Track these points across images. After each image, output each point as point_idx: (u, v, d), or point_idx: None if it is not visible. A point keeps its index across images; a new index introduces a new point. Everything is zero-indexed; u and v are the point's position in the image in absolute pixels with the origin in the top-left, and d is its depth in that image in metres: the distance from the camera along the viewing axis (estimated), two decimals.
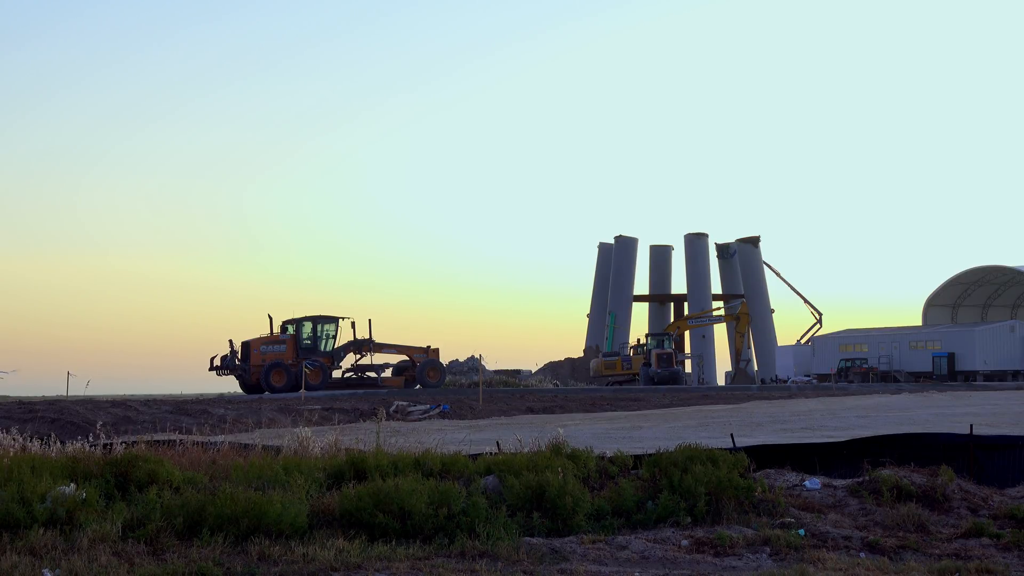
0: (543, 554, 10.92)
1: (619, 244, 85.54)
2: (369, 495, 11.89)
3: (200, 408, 31.90)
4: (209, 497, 11.69)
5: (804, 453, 16.12)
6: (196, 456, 15.24)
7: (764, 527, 12.11)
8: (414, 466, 13.70)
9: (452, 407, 34.92)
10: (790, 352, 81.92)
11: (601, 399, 41.79)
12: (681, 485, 12.79)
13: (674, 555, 11.11)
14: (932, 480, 13.90)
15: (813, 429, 22.49)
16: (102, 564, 10.14)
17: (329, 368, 48.04)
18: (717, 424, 24.97)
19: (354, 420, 30.43)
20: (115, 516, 11.49)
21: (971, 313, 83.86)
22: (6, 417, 26.92)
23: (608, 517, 12.50)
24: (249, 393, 45.64)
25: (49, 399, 39.38)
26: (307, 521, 11.68)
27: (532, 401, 39.35)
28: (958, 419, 23.20)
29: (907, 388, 53.10)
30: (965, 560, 10.88)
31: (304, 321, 48.32)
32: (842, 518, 12.95)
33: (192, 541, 11.13)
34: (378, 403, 32.53)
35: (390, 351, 50.02)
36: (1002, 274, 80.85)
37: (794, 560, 10.85)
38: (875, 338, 75.91)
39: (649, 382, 59.00)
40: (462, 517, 11.77)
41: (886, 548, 11.50)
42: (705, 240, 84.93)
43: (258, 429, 22.98)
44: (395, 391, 44.82)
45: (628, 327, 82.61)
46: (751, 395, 45.13)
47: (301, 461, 14.18)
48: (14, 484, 11.87)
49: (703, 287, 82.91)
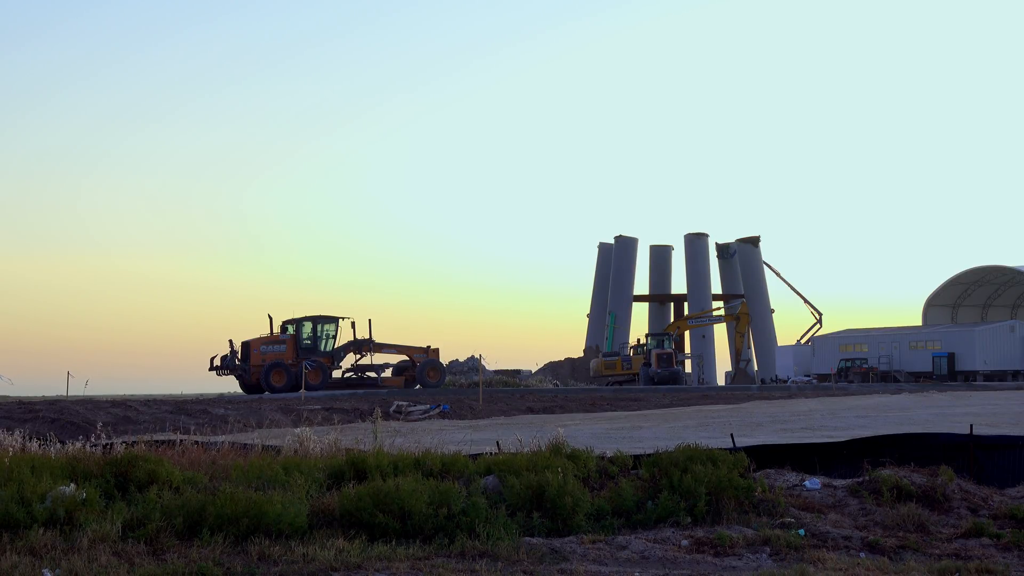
0: (543, 554, 10.92)
1: (619, 244, 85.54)
2: (369, 495, 11.89)
3: (200, 408, 31.91)
4: (209, 497, 11.69)
5: (804, 453, 16.11)
6: (196, 456, 15.23)
7: (764, 527, 12.11)
8: (414, 466, 13.70)
9: (452, 407, 34.92)
10: (790, 352, 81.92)
11: (601, 399, 41.81)
12: (681, 485, 12.79)
13: (674, 555, 11.11)
14: (932, 480, 13.90)
15: (813, 429, 22.50)
16: (102, 564, 10.14)
17: (329, 368, 48.04)
18: (717, 424, 24.97)
19: (354, 420, 30.43)
20: (115, 516, 11.49)
21: (971, 313, 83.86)
22: (6, 417, 26.92)
23: (608, 517, 12.50)
24: (249, 393, 45.65)
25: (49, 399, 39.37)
26: (307, 521, 11.68)
27: (532, 401, 39.36)
28: (958, 419, 23.21)
29: (907, 388, 53.10)
30: (965, 560, 10.88)
31: (304, 321, 48.33)
32: (842, 518, 12.95)
33: (192, 541, 11.12)
34: (378, 403, 32.54)
35: (390, 351, 50.02)
36: (1002, 274, 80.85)
37: (794, 560, 10.85)
38: (875, 338, 75.91)
39: (649, 382, 59.00)
40: (462, 517, 11.77)
41: (886, 548, 11.50)
42: (705, 240, 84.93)
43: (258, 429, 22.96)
44: (395, 391, 44.82)
45: (628, 327, 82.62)
46: (751, 395, 45.15)
47: (301, 461, 14.18)
48: (14, 484, 11.87)
49: (703, 287, 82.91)
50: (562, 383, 65.64)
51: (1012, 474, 15.02)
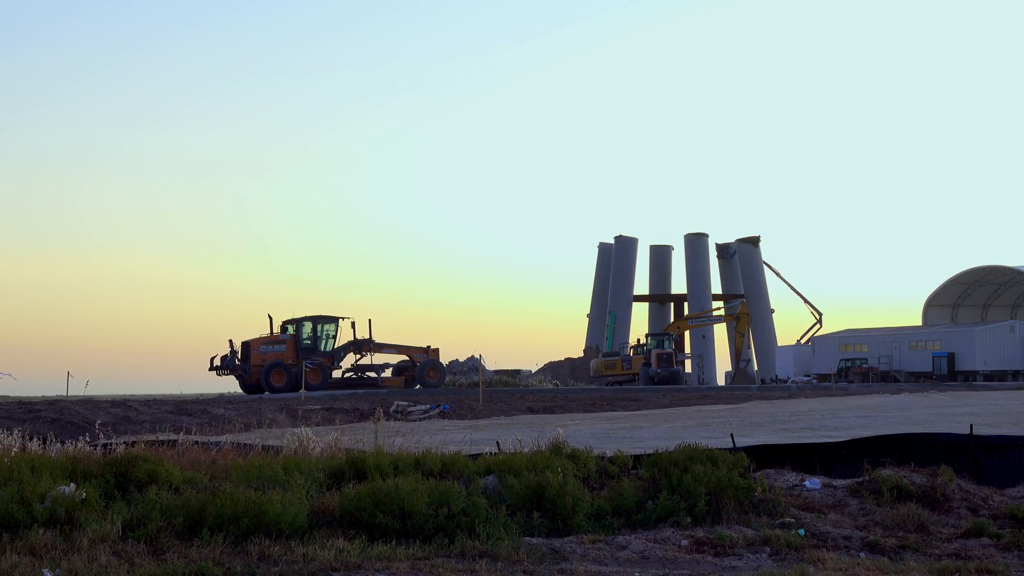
0: (543, 554, 10.92)
1: (619, 244, 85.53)
2: (369, 495, 11.89)
3: (200, 408, 31.92)
4: (209, 497, 11.69)
5: (804, 453, 16.12)
6: (196, 456, 15.24)
7: (764, 527, 12.11)
8: (414, 466, 13.70)
9: (452, 407, 34.93)
10: (790, 352, 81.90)
11: (601, 399, 41.82)
12: (681, 485, 12.79)
13: (674, 555, 11.11)
14: (932, 480, 13.90)
15: (813, 429, 22.50)
16: (102, 564, 10.14)
17: (329, 368, 48.05)
18: (717, 424, 24.97)
19: (354, 420, 30.45)
20: (115, 516, 11.49)
21: (971, 313, 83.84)
22: (6, 417, 26.93)
23: (608, 517, 12.50)
24: (249, 393, 45.66)
25: (49, 399, 39.38)
26: (307, 521, 11.68)
27: (532, 401, 39.37)
28: (958, 419, 23.21)
29: (907, 388, 53.09)
30: (965, 560, 10.88)
31: (304, 321, 48.34)
32: (842, 518, 12.95)
33: (192, 541, 11.12)
34: (378, 403, 32.55)
35: (390, 351, 50.03)
36: (1002, 274, 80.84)
37: (794, 560, 10.85)
38: (875, 338, 75.90)
39: (649, 382, 59.01)
40: (462, 517, 11.77)
41: (886, 548, 11.50)
42: (705, 240, 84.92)
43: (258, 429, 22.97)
44: (395, 391, 44.84)
45: (628, 327, 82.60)
46: (751, 395, 45.15)
47: (301, 461, 14.18)
48: (14, 484, 11.87)
49: (703, 287, 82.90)
50: (562, 383, 65.62)
51: (1012, 474, 15.02)
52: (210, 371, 48.29)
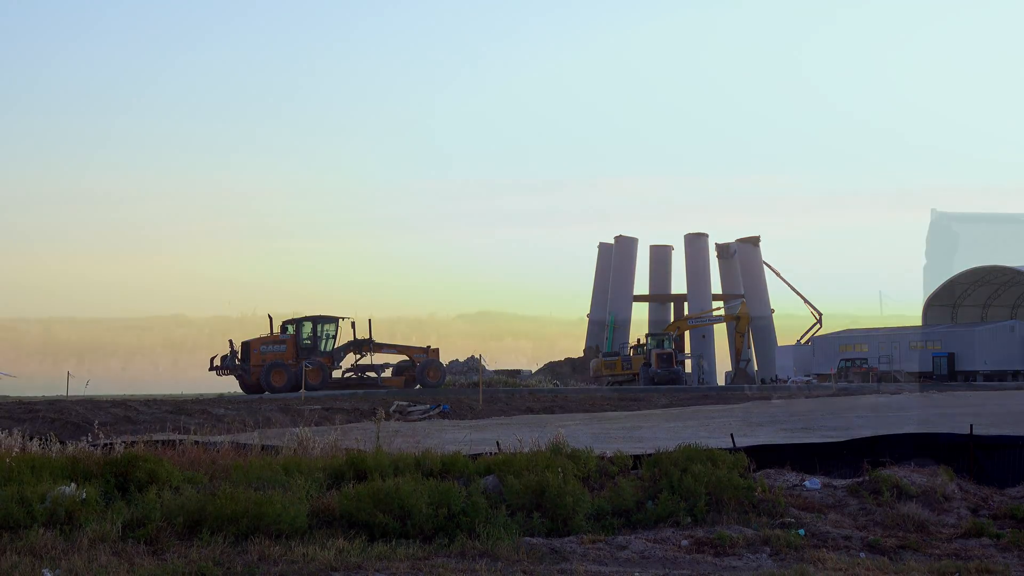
0: (543, 554, 10.91)
1: (619, 244, 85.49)
2: (369, 495, 11.89)
3: (200, 408, 31.88)
4: (209, 497, 11.69)
5: (804, 453, 16.10)
6: (196, 456, 15.24)
7: (764, 527, 12.10)
8: (414, 466, 13.70)
9: (452, 407, 34.91)
10: (790, 352, 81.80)
11: (601, 399, 41.79)
12: (681, 485, 12.79)
13: (674, 555, 11.11)
14: (932, 480, 13.90)
15: (813, 429, 22.49)
16: (102, 564, 10.13)
17: (329, 368, 48.04)
18: (717, 424, 24.97)
19: (354, 420, 30.43)
20: (115, 516, 11.49)
21: (971, 313, 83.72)
22: (6, 417, 26.91)
23: (608, 517, 12.50)
24: (249, 393, 45.64)
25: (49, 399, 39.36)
26: (307, 521, 11.68)
27: (532, 401, 39.34)
28: (958, 419, 23.19)
29: (907, 388, 53.06)
30: (965, 560, 10.88)
31: (304, 321, 48.35)
32: (842, 518, 12.94)
33: (192, 541, 11.12)
34: (378, 403, 32.52)
35: (390, 351, 50.03)
36: (1002, 274, 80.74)
37: (794, 560, 10.85)
38: (875, 338, 75.82)
39: (649, 382, 58.98)
40: (462, 517, 11.77)
41: (886, 548, 11.49)
42: (705, 240, 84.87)
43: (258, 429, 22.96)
44: (395, 391, 44.80)
45: (628, 327, 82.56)
46: (751, 395, 45.12)
47: (301, 461, 14.18)
48: (14, 484, 11.88)
49: (703, 287, 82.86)
50: (562, 383, 65.59)
51: (1012, 474, 15.01)
52: (210, 371, 48.32)
